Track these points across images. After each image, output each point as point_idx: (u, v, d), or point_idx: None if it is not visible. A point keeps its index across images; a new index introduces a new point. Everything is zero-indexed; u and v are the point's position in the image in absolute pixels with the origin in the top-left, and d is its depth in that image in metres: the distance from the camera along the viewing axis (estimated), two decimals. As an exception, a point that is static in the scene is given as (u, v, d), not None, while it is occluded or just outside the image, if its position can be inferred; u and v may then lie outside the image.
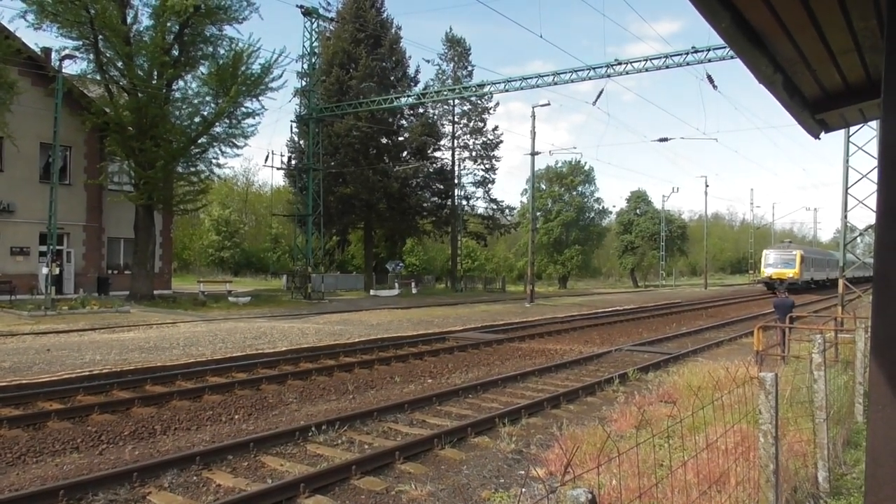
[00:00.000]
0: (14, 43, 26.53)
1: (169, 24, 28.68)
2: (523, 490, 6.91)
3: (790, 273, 49.90)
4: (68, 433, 8.94)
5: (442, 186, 52.93)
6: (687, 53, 26.91)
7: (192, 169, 32.85)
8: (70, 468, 7.59)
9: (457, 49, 54.91)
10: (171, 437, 8.98)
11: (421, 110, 50.80)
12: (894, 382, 2.01)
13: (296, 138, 44.69)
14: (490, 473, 7.52)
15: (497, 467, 7.72)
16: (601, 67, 28.81)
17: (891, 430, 2.01)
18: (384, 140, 48.20)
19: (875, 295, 2.20)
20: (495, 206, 57.90)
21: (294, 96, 44.35)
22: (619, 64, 28.59)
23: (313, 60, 37.92)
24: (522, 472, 7.48)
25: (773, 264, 52.18)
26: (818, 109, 4.22)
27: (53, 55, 30.07)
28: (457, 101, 52.74)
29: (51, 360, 14.07)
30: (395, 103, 40.10)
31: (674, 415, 7.86)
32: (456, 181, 54.42)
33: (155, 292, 31.01)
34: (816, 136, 4.66)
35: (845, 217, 22.28)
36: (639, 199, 78.50)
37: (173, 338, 18.30)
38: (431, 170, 51.98)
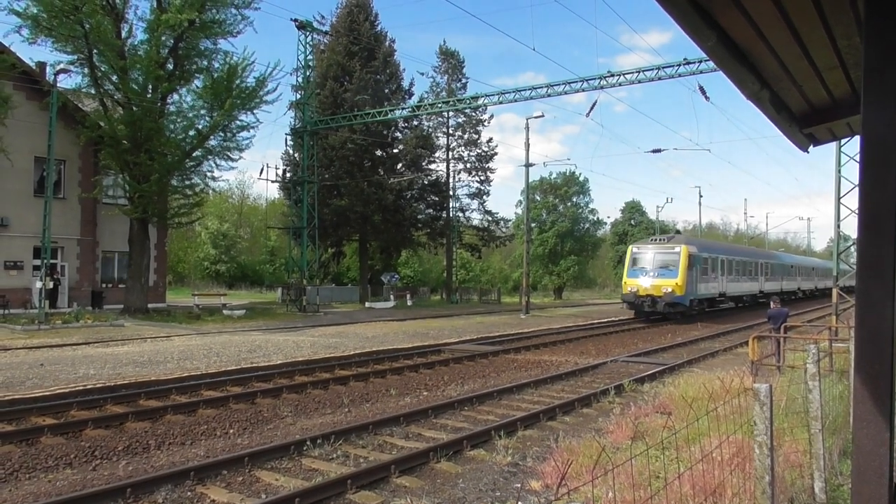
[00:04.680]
0: (9, 57, 26.59)
1: (163, 39, 28.78)
2: (519, 503, 6.89)
3: (668, 286, 30.62)
4: (61, 448, 8.89)
5: (437, 198, 53.01)
6: (679, 65, 27.07)
7: (187, 182, 32.83)
8: (63, 484, 7.54)
9: (451, 62, 55.16)
10: (165, 452, 8.94)
11: (415, 122, 50.95)
12: (878, 398, 2.03)
13: (290, 151, 44.78)
14: (486, 487, 7.50)
15: (493, 480, 7.71)
16: (594, 79, 28.95)
17: (876, 447, 2.02)
18: (379, 152, 48.28)
19: (857, 311, 2.23)
20: (490, 218, 58.00)
21: (288, 109, 44.47)
22: (613, 76, 28.73)
23: (308, 73, 38.05)
24: (518, 485, 7.46)
25: (647, 270, 31.97)
26: (806, 124, 4.27)
27: (48, 69, 30.18)
28: (451, 114, 52.91)
29: (44, 375, 14.00)
30: (389, 116, 40.21)
31: (669, 426, 7.86)
32: (451, 193, 54.51)
33: (149, 306, 30.92)
34: (805, 150, 4.70)
35: (838, 226, 22.39)
36: (633, 209, 78.71)
37: (168, 351, 18.23)
38: (426, 182, 52.07)
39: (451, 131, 55.46)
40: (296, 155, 43.28)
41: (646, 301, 31.47)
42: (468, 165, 55.99)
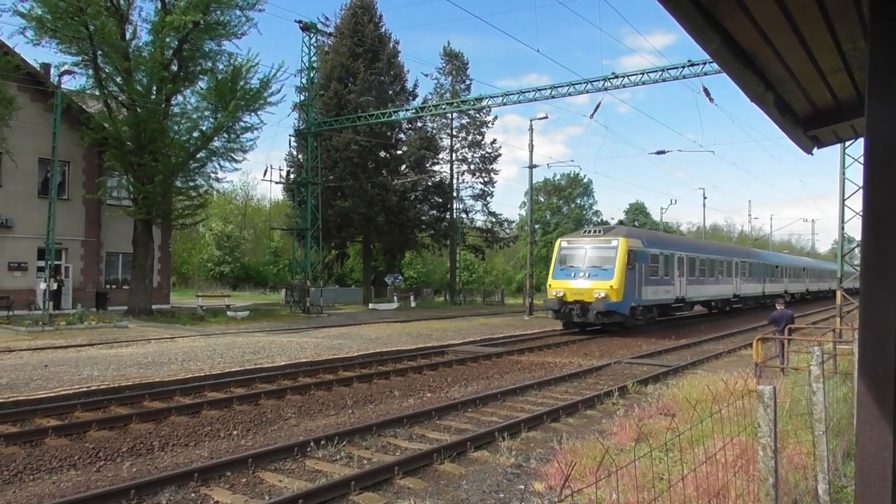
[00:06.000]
0: (13, 59, 26.64)
1: (168, 40, 28.83)
2: (522, 505, 6.89)
3: (600, 289, 24.66)
4: (66, 450, 8.91)
5: (440, 200, 53.02)
6: (683, 67, 27.07)
7: (191, 183, 32.94)
8: (67, 485, 7.56)
9: (455, 63, 55.19)
10: (169, 454, 8.96)
11: (419, 124, 50.98)
12: (882, 401, 2.03)
13: (294, 152, 44.84)
14: (489, 488, 7.49)
15: (496, 482, 7.70)
16: (598, 81, 28.96)
17: (879, 450, 2.02)
18: (383, 154, 48.30)
19: (861, 314, 2.23)
20: (494, 219, 58.00)
21: (293, 110, 44.64)
22: (616, 77, 28.73)
23: (312, 75, 38.09)
24: (522, 487, 7.46)
25: (577, 270, 25.97)
26: (810, 126, 4.27)
27: (52, 71, 30.22)
28: (455, 115, 52.96)
29: (48, 376, 14.03)
30: (393, 117, 40.24)
31: (673, 428, 7.85)
32: (454, 194, 54.53)
33: (153, 307, 30.97)
34: (809, 152, 4.70)
35: (842, 228, 22.33)
36: (637, 211, 78.71)
37: (171, 353, 18.27)
38: (430, 183, 52.07)
39: (454, 133, 55.51)
40: (300, 156, 43.34)
41: (574, 309, 25.26)
42: (472, 167, 56.03)
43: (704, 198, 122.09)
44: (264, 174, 53.88)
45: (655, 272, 28.04)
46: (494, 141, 56.46)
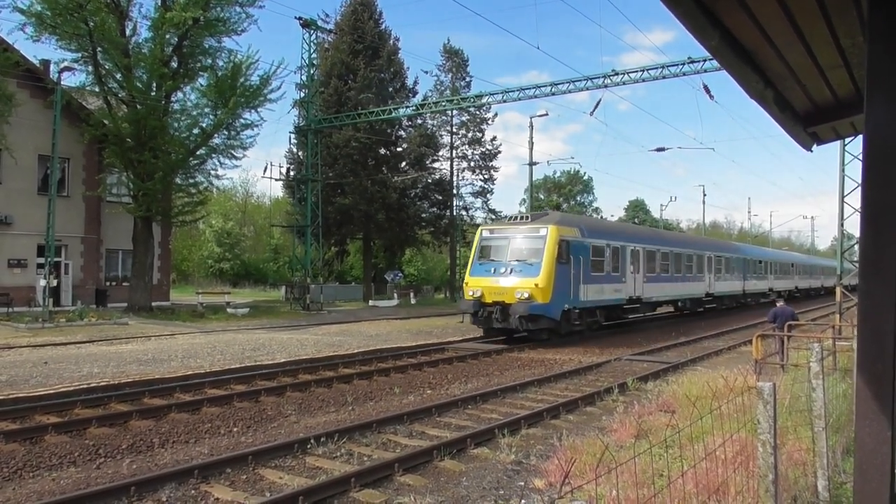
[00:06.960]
0: (13, 55, 26.61)
1: (168, 37, 28.80)
2: (523, 502, 6.90)
3: (524, 289, 20.39)
4: (66, 447, 8.92)
5: (440, 197, 52.96)
6: (683, 64, 27.04)
7: (191, 180, 32.95)
8: (67, 483, 7.57)
9: (455, 60, 55.07)
10: (169, 451, 8.96)
11: (419, 121, 50.91)
12: (880, 396, 2.04)
13: (294, 149, 44.81)
14: (490, 485, 7.50)
15: (497, 479, 7.71)
16: (598, 78, 28.92)
17: (878, 445, 2.03)
18: (383, 151, 48.28)
19: (860, 310, 2.24)
20: (494, 216, 57.94)
21: (293, 107, 44.57)
22: (616, 74, 28.70)
23: (312, 72, 38.06)
24: (522, 484, 7.47)
25: (500, 265, 21.60)
26: (810, 123, 4.27)
27: (52, 67, 30.24)
28: (455, 112, 52.83)
29: (48, 373, 14.04)
30: (393, 114, 40.20)
31: (673, 424, 7.85)
32: (454, 191, 54.46)
33: (153, 304, 30.97)
34: (809, 149, 4.70)
35: (842, 225, 22.33)
36: (637, 208, 78.71)
37: (172, 350, 18.27)
38: (430, 180, 52.04)
39: (454, 130, 55.40)
40: (300, 153, 43.32)
41: (493, 312, 20.84)
42: (472, 164, 55.91)
43: (704, 195, 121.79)
44: (264, 171, 53.88)
45: (600, 267, 23.48)
46: (494, 138, 56.36)
